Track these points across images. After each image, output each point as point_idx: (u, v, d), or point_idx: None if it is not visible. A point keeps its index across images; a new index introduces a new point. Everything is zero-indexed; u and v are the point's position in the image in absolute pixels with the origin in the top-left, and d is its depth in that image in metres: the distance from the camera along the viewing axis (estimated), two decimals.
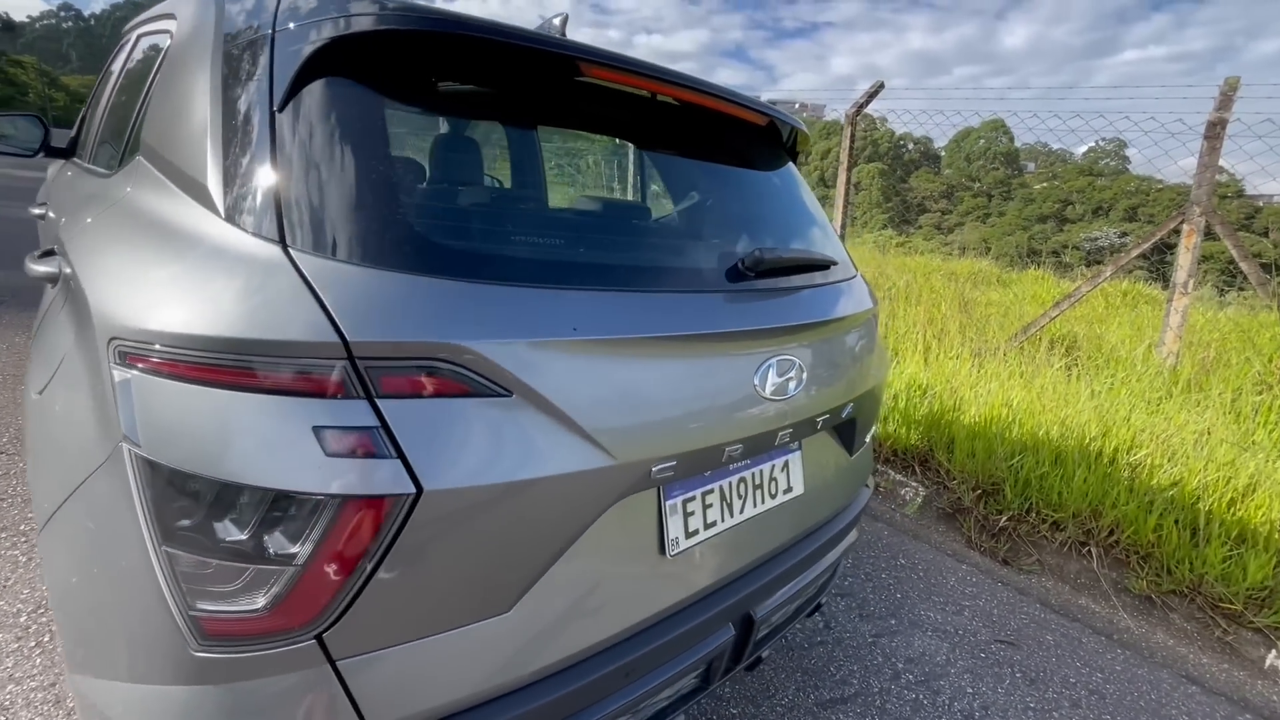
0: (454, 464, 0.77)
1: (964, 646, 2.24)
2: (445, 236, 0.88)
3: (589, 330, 0.87)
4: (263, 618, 0.72)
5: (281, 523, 0.71)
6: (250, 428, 0.71)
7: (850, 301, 1.40)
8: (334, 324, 0.72)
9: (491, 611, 0.86)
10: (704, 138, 1.37)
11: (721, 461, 1.07)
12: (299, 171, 0.81)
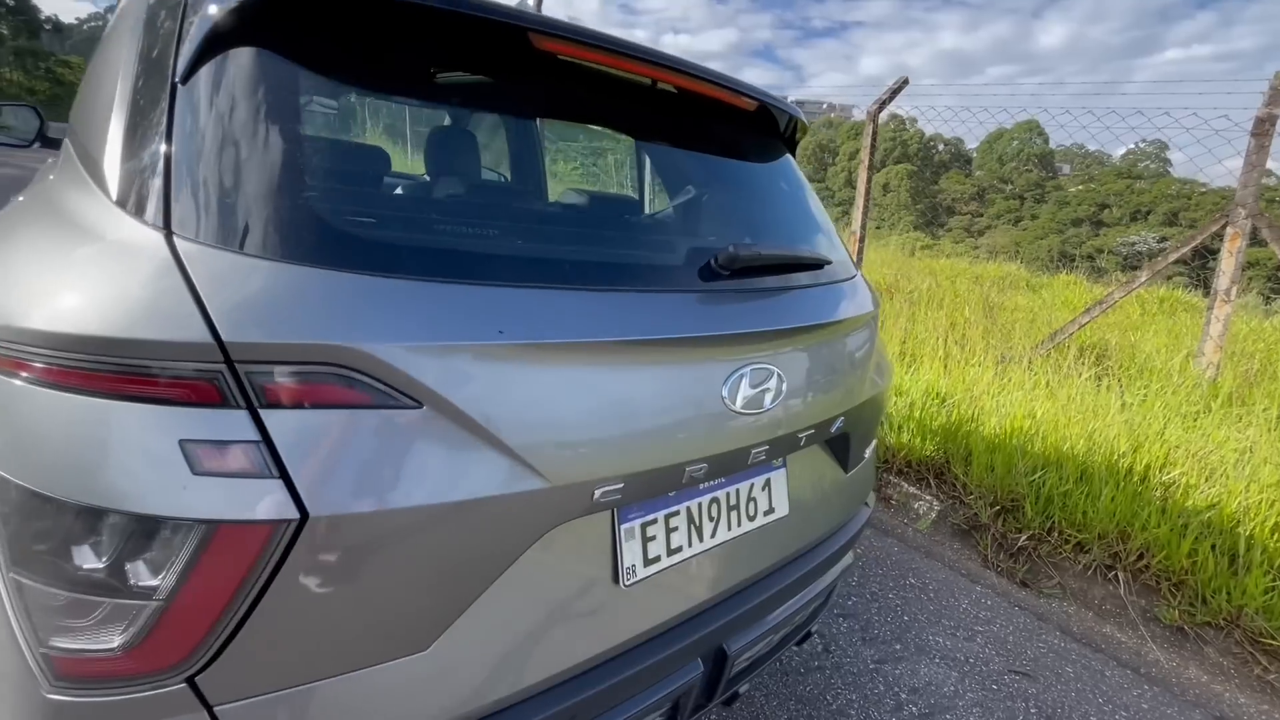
0: (349, 486, 0.67)
1: (974, 676, 2.08)
2: (350, 226, 0.78)
3: (519, 334, 0.76)
4: (122, 658, 0.63)
5: (142, 551, 0.62)
6: (109, 441, 0.62)
7: (845, 304, 1.27)
8: (209, 322, 0.63)
9: (406, 650, 0.76)
10: (683, 124, 1.25)
11: (683, 483, 0.95)
12: (193, 150, 0.72)
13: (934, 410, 3.47)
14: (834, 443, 1.33)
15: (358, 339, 0.67)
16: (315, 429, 0.66)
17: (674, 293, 0.96)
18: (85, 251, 0.72)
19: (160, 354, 0.62)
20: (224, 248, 0.68)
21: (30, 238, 0.83)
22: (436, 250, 0.82)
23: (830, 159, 76.79)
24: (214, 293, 0.64)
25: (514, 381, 0.76)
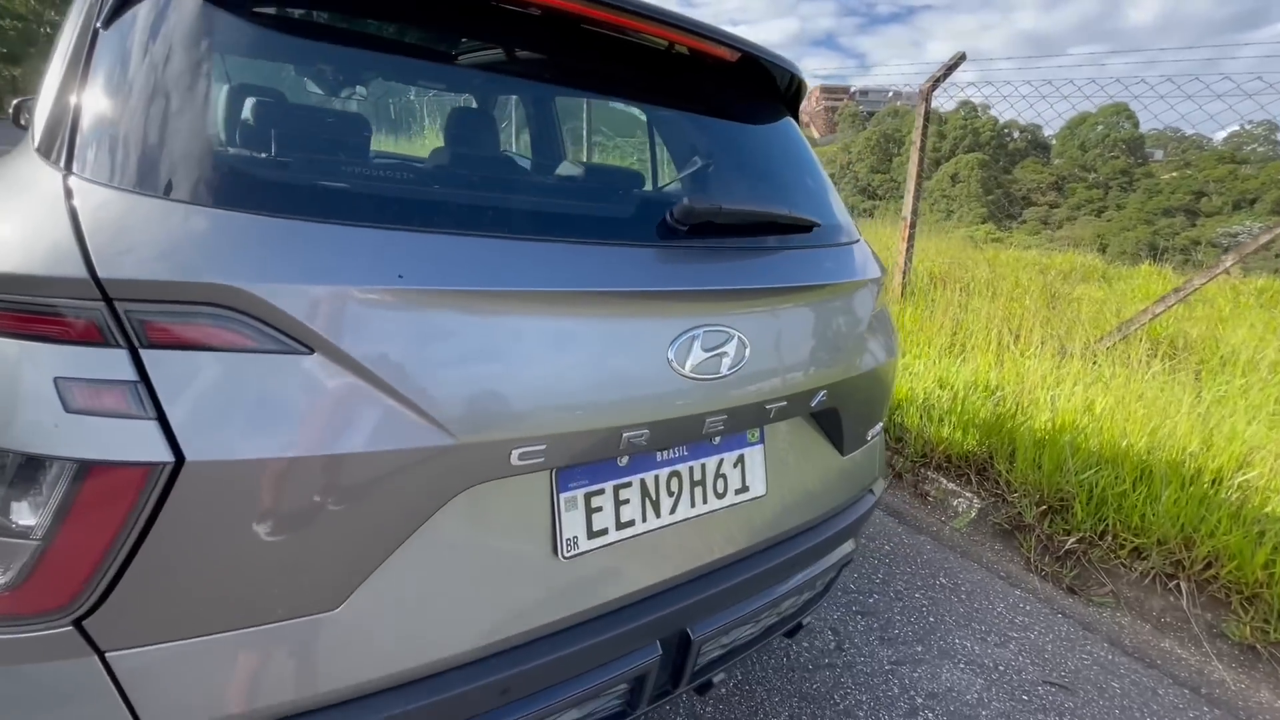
0: (232, 431, 0.64)
1: (1003, 685, 1.92)
2: (239, 165, 0.76)
3: (421, 279, 0.72)
4: (7, 596, 0.63)
5: (18, 488, 0.61)
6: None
7: (831, 269, 1.17)
8: (86, 257, 0.62)
9: (313, 609, 0.73)
10: (661, 78, 1.18)
11: (620, 449, 0.89)
12: (101, 92, 0.72)
13: (978, 403, 3.24)
14: (822, 420, 1.23)
15: (242, 279, 0.65)
16: (196, 371, 0.64)
17: (617, 246, 0.90)
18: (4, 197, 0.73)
19: (41, 289, 0.62)
20: (113, 186, 0.67)
21: None
22: (329, 191, 0.79)
23: (896, 149, 73.92)
24: (97, 229, 0.63)
25: (415, 330, 0.72)
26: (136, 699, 0.67)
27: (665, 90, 1.17)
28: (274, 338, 0.66)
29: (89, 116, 0.71)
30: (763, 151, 1.30)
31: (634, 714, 1.08)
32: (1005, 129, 69.03)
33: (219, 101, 0.80)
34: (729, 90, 1.27)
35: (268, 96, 0.96)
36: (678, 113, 1.22)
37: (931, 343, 4.31)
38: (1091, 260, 9.73)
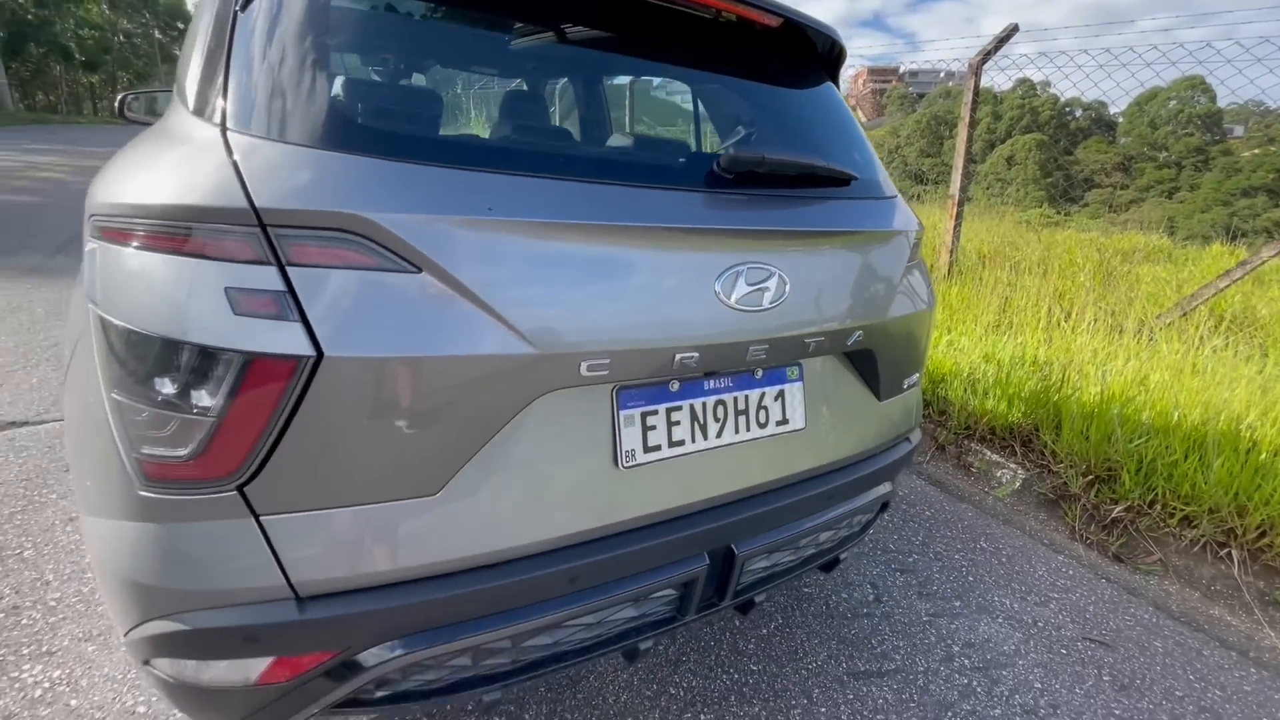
0: (358, 334, 0.79)
1: (1041, 639, 1.97)
2: (371, 118, 0.90)
3: (507, 211, 0.85)
4: (190, 464, 0.79)
5: (199, 376, 0.77)
6: (174, 288, 0.77)
7: (868, 218, 1.25)
8: (246, 192, 0.77)
9: (417, 492, 0.88)
10: (712, 47, 1.28)
11: (674, 369, 1.01)
12: (245, 63, 0.87)
13: (1025, 376, 3.23)
14: (859, 363, 1.31)
15: (364, 208, 0.79)
16: (331, 284, 0.79)
17: (672, 190, 1.01)
18: (169, 149, 0.89)
19: (212, 218, 0.77)
20: (264, 137, 0.82)
21: (137, 149, 1.03)
22: (432, 140, 0.93)
23: (947, 132, 71.23)
24: (252, 170, 0.78)
25: (503, 254, 0.86)
26: (282, 554, 0.82)
27: (713, 57, 1.26)
28: (389, 258, 0.81)
29: (238, 84, 0.86)
30: (804, 114, 1.39)
31: (682, 620, 1.20)
32: (1067, 107, 65.63)
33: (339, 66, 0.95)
34: (772, 56, 1.36)
35: (380, 62, 1.11)
36: (724, 78, 1.32)
37: (978, 320, 4.26)
38: (1157, 240, 9.28)
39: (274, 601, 0.84)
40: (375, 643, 0.89)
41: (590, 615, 1.05)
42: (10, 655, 1.54)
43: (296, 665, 0.88)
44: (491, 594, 0.93)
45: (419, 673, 0.96)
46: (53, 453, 2.42)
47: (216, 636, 0.83)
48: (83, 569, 1.84)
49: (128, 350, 0.79)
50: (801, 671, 1.75)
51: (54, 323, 3.72)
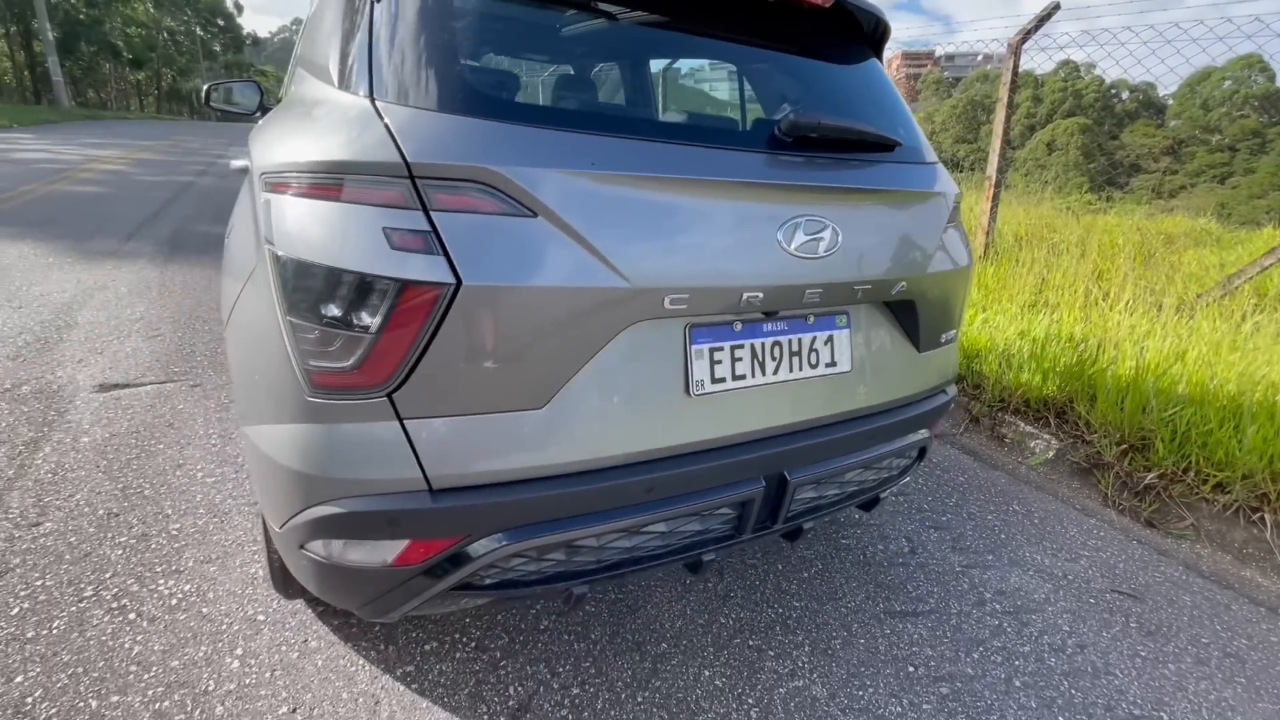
0: (488, 266, 0.95)
1: (1070, 590, 2.07)
2: (494, 90, 1.07)
3: (605, 166, 1.00)
4: (351, 374, 0.97)
5: (360, 300, 0.94)
6: (341, 228, 0.95)
7: (911, 179, 1.38)
8: (400, 150, 0.94)
9: (527, 405, 1.04)
10: (771, 25, 1.40)
11: (740, 307, 1.15)
12: (385, 45, 1.04)
13: (1060, 351, 3.28)
14: (899, 311, 1.44)
15: (492, 163, 0.95)
16: (466, 225, 0.95)
17: (742, 151, 1.16)
18: (322, 117, 1.07)
19: (372, 171, 0.94)
20: (411, 106, 0.99)
21: (285, 119, 1.21)
22: (550, 109, 1.09)
23: (984, 117, 69.21)
24: (402, 132, 0.95)
25: (603, 202, 1.01)
26: (421, 452, 1.00)
27: (773, 35, 1.39)
28: (511, 204, 0.97)
29: (381, 61, 1.03)
30: (852, 86, 1.51)
31: (739, 538, 1.36)
32: (1112, 89, 63.21)
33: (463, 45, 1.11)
34: (824, 34, 1.49)
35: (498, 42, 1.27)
36: (782, 55, 1.45)
37: (1014, 299, 4.30)
38: (1204, 224, 9.03)
39: (412, 492, 1.01)
40: (490, 532, 1.06)
41: (662, 524, 1.21)
42: (147, 572, 1.78)
43: (427, 549, 1.06)
44: (583, 497, 1.10)
45: (521, 563, 1.13)
46: (154, 410, 2.68)
47: (365, 520, 1.01)
48: (196, 505, 2.08)
49: (301, 281, 0.97)
50: (841, 609, 1.89)
51: (135, 300, 4.02)
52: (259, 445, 1.09)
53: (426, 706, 1.45)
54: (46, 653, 1.50)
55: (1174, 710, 1.63)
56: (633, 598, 1.85)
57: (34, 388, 2.77)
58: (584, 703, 1.50)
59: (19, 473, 2.17)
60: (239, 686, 1.46)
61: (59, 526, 1.93)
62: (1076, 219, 8.95)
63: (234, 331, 1.23)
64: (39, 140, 14.67)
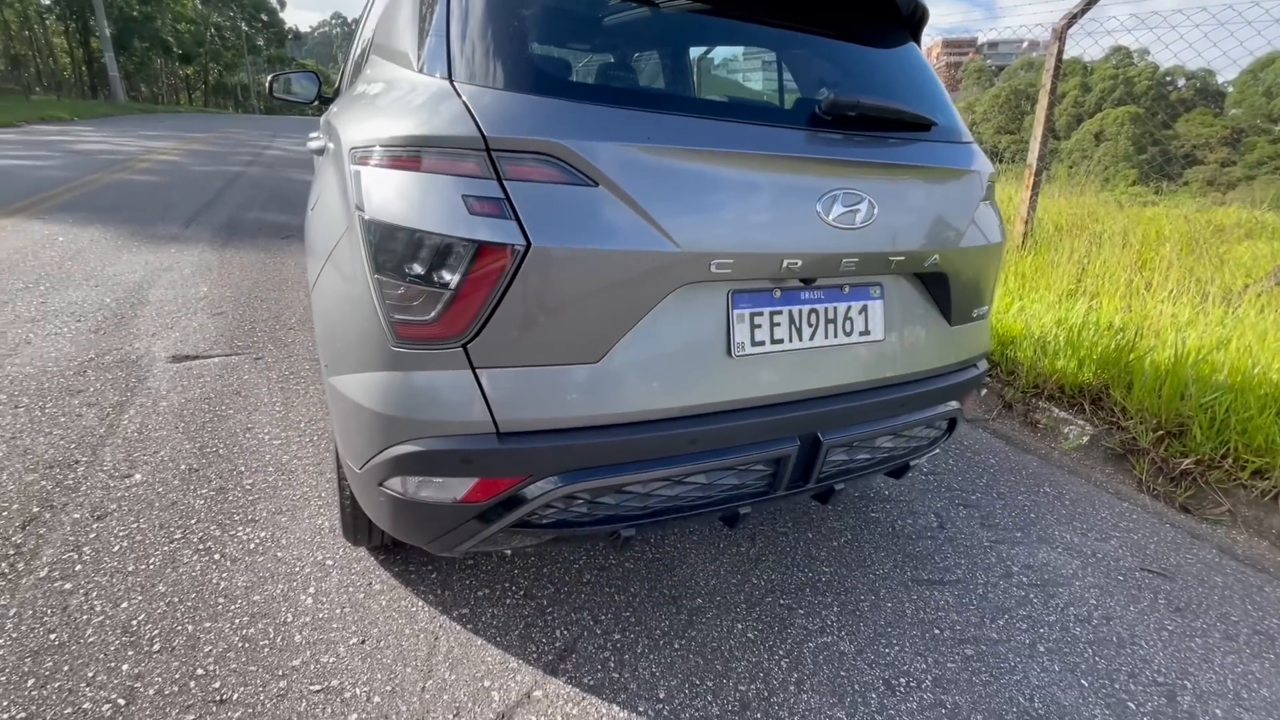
0: (554, 230, 1.06)
1: (1100, 567, 2.11)
2: (559, 71, 1.17)
3: (660, 140, 1.10)
4: (431, 326, 1.09)
5: (442, 259, 1.06)
6: (424, 195, 1.06)
7: (945, 157, 1.44)
8: (477, 125, 1.05)
9: (585, 359, 1.15)
10: (808, 11, 1.48)
11: (780, 272, 1.24)
12: (461, 32, 1.15)
13: (1096, 337, 3.27)
14: (931, 284, 1.51)
15: (559, 136, 1.06)
16: (536, 193, 1.06)
17: (784, 128, 1.24)
18: (406, 98, 1.19)
19: (453, 144, 1.06)
20: (485, 86, 1.10)
21: (369, 101, 1.34)
22: (609, 88, 1.18)
23: (1028, 106, 66.91)
24: (480, 110, 1.07)
25: (657, 174, 1.11)
26: (490, 398, 1.11)
27: (816, 20, 1.46)
28: (575, 174, 1.07)
29: (458, 47, 1.15)
30: (891, 69, 1.57)
31: (774, 494, 1.45)
32: (1167, 76, 60.52)
33: (533, 32, 1.21)
34: (864, 18, 1.55)
35: (568, 29, 1.37)
36: (824, 39, 1.51)
37: (1051, 287, 4.26)
38: (1260, 215, 8.68)
39: (482, 434, 1.13)
40: (549, 474, 1.17)
41: (703, 475, 1.31)
42: (227, 520, 1.95)
43: (493, 487, 1.17)
44: (632, 445, 1.20)
45: (576, 504, 1.25)
46: (222, 379, 2.88)
47: (441, 458, 1.13)
48: (265, 464, 2.26)
49: (388, 242, 1.09)
50: (870, 576, 1.96)
51: (199, 280, 4.27)
52: (345, 393, 1.23)
53: (481, 644, 1.58)
54: (145, 584, 1.67)
55: (1199, 679, 1.67)
56: (669, 558, 1.96)
57: (115, 358, 3.00)
58: (625, 646, 1.61)
59: (109, 431, 2.38)
60: (313, 619, 1.61)
61: (147, 478, 2.12)
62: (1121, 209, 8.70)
63: (321, 292, 1.37)
64: (98, 132, 15.37)
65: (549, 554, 1.93)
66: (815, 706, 1.49)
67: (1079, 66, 68.00)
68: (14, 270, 4.17)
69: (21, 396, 2.58)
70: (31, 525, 1.86)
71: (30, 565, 1.71)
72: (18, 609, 1.57)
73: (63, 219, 5.71)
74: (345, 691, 1.42)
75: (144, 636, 1.51)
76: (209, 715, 1.34)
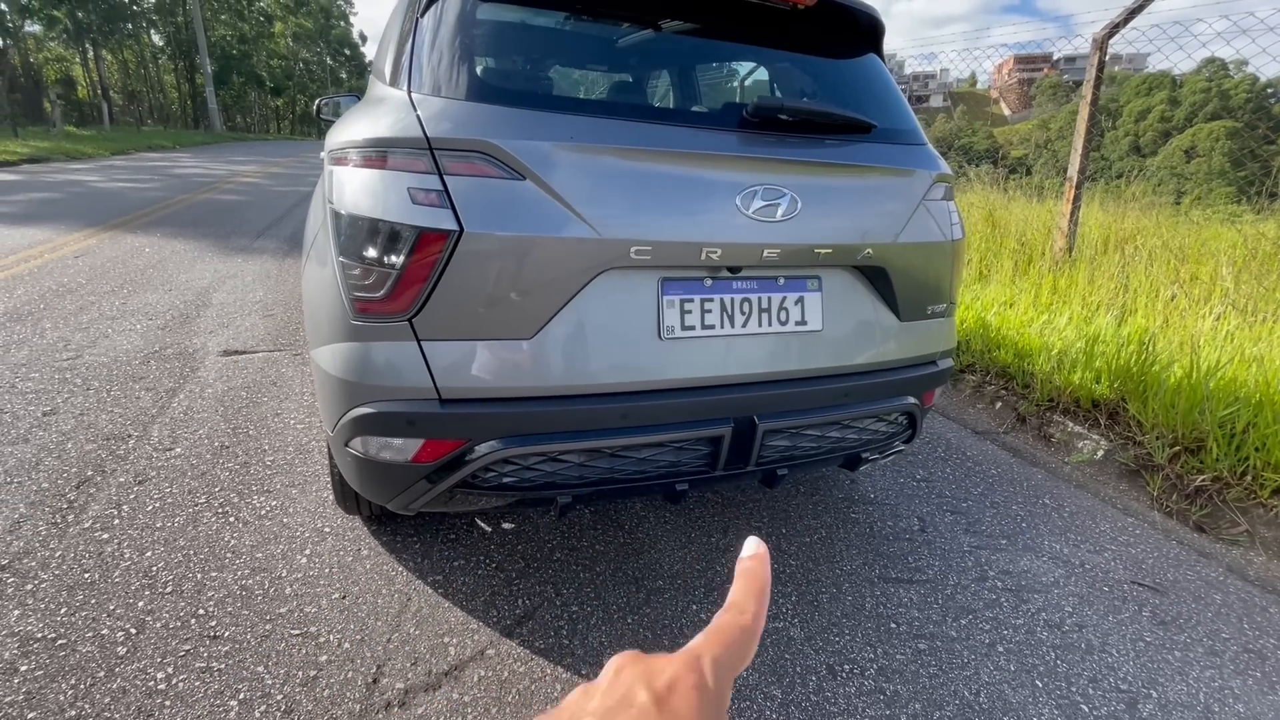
0: (485, 218, 1.20)
1: (1085, 577, 2.05)
2: (497, 81, 1.33)
3: (583, 139, 1.23)
4: (382, 302, 1.25)
5: (390, 243, 1.22)
6: (378, 189, 1.23)
7: (881, 156, 1.50)
8: (422, 128, 1.21)
9: (518, 335, 1.28)
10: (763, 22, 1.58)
11: (701, 260, 1.34)
12: (422, 50, 1.33)
13: (1116, 350, 3.15)
14: (872, 278, 1.57)
15: (491, 136, 1.21)
16: (470, 186, 1.21)
17: (709, 129, 1.35)
18: (375, 108, 1.37)
19: (403, 145, 1.22)
20: (433, 95, 1.26)
21: (355, 113, 1.53)
22: (537, 93, 1.33)
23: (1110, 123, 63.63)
24: (425, 115, 1.23)
25: (579, 168, 1.24)
26: (433, 366, 1.26)
27: (764, 32, 1.56)
28: (505, 170, 1.22)
29: (418, 63, 1.32)
30: (845, 77, 1.66)
31: (713, 474, 1.52)
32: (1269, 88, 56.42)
33: (478, 50, 1.38)
34: (816, 31, 1.65)
35: (507, 45, 1.54)
36: (771, 49, 1.62)
37: (1086, 302, 4.12)
38: None
39: (426, 400, 1.28)
40: (488, 438, 1.30)
41: (639, 451, 1.41)
42: (246, 490, 2.18)
43: (438, 449, 1.32)
44: (565, 416, 1.32)
45: (515, 469, 1.37)
46: (263, 372, 3.17)
47: (390, 419, 1.28)
48: (287, 444, 2.49)
49: (349, 229, 1.26)
50: (835, 571, 1.99)
51: (257, 286, 4.68)
52: (319, 363, 1.40)
53: (448, 606, 1.72)
54: (168, 538, 1.90)
55: (1167, 690, 1.62)
56: (639, 542, 2.05)
57: (175, 350, 3.36)
58: (580, 618, 1.71)
59: (160, 411, 2.69)
60: (304, 576, 1.79)
61: (185, 452, 2.39)
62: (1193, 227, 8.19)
63: (306, 277, 1.57)
64: (194, 159, 16.90)
65: (525, 533, 2.05)
66: (753, 684, 1.54)
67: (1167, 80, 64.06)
68: (105, 275, 4.70)
69: (94, 380, 2.94)
70: (84, 485, 2.14)
71: (79, 518, 1.97)
72: (63, 552, 1.82)
73: (152, 232, 6.36)
74: (320, 637, 1.58)
75: (160, 580, 1.73)
76: (202, 648, 1.52)
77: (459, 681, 1.48)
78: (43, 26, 31.44)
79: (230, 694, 1.40)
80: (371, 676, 1.48)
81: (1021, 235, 5.50)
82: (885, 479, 2.59)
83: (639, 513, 2.21)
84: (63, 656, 1.47)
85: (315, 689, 1.43)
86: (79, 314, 3.84)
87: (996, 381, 3.50)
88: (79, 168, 12.76)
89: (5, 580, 1.69)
